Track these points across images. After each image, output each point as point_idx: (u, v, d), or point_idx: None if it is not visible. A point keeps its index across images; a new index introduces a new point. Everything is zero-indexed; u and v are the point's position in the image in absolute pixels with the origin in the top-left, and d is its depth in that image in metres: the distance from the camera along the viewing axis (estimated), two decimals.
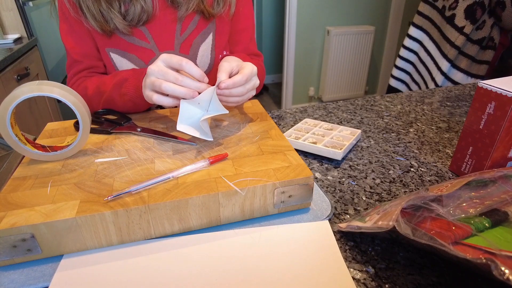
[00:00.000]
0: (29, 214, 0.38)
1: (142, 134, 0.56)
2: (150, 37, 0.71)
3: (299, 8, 2.63)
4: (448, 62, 1.27)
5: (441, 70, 1.30)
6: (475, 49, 1.22)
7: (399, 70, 1.48)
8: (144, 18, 0.67)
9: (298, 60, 2.86)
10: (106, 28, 0.66)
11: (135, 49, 0.71)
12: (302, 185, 0.45)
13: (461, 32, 1.21)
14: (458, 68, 1.27)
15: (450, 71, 1.29)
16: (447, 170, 0.59)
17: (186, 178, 0.44)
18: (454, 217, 0.39)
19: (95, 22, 0.65)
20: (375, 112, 0.82)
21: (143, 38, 0.70)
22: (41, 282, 0.37)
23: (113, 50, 0.71)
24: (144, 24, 0.69)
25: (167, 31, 0.71)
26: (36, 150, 0.48)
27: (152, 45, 0.71)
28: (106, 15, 0.65)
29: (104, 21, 0.65)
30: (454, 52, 1.24)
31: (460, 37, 1.22)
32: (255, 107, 0.67)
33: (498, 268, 0.27)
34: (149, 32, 0.70)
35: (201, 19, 0.73)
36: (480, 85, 0.50)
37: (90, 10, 0.64)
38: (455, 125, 0.75)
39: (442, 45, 1.28)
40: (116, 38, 0.69)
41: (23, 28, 1.71)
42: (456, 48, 1.24)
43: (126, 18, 0.66)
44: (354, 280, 0.38)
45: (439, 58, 1.30)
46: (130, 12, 0.66)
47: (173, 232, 0.43)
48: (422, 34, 1.36)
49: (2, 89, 1.30)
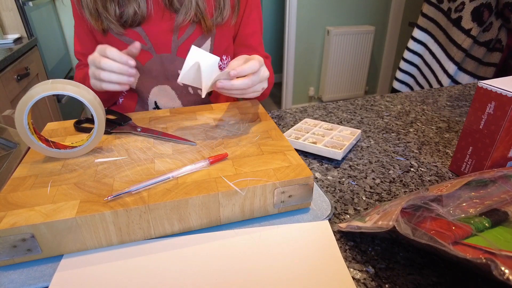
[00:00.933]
0: (29, 214, 0.38)
1: (142, 134, 0.56)
2: (147, 39, 0.71)
3: (299, 8, 2.63)
4: (455, 64, 1.26)
5: (447, 73, 1.29)
6: (482, 51, 1.22)
7: (404, 73, 1.47)
8: (138, 19, 0.68)
9: (298, 60, 2.86)
10: (99, 26, 0.68)
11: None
12: (302, 185, 0.45)
13: (468, 34, 1.20)
14: (465, 70, 1.26)
15: (456, 73, 1.28)
16: (447, 170, 0.59)
17: (186, 178, 0.44)
18: (454, 217, 0.39)
19: (90, 17, 0.67)
20: (375, 112, 0.82)
21: (140, 40, 0.71)
22: (41, 282, 0.37)
23: None
24: (139, 25, 0.70)
25: (164, 34, 0.71)
26: (54, 148, 0.49)
27: (149, 47, 0.72)
28: (101, 14, 0.66)
29: (98, 18, 0.67)
30: (461, 54, 1.24)
31: (467, 39, 1.21)
32: (255, 107, 0.67)
33: (498, 268, 0.27)
34: (146, 35, 0.71)
35: (198, 26, 0.72)
36: (480, 85, 0.50)
37: (88, 6, 0.66)
38: (455, 125, 0.75)
39: (448, 48, 1.28)
40: (112, 38, 0.70)
41: (23, 28, 1.71)
42: (463, 51, 1.23)
43: (120, 19, 0.67)
44: (354, 280, 0.38)
45: (446, 61, 1.29)
46: (124, 14, 0.67)
47: (173, 232, 0.43)
48: (427, 36, 1.36)
49: (2, 89, 1.30)
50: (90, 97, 0.48)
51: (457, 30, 1.23)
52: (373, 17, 2.90)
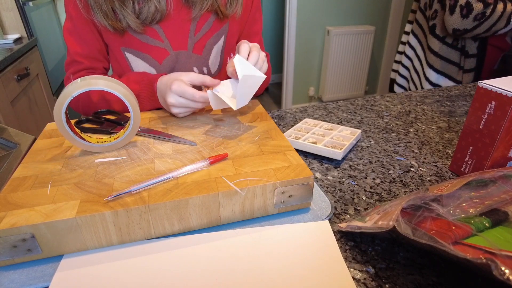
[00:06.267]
0: (29, 214, 0.38)
1: (142, 134, 0.56)
2: (164, 36, 0.71)
3: (299, 8, 2.63)
4: (434, 71, 1.27)
5: (429, 80, 1.31)
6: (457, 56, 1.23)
7: (401, 77, 1.49)
8: (158, 17, 0.67)
9: (298, 60, 2.86)
10: (118, 26, 0.66)
11: (149, 49, 0.71)
12: (302, 185, 0.45)
13: (443, 41, 1.23)
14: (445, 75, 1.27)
15: (438, 79, 1.29)
16: (447, 170, 0.59)
17: (186, 178, 0.44)
18: (454, 217, 0.39)
19: (106, 20, 0.65)
20: (375, 112, 0.82)
21: (157, 37, 0.70)
22: (41, 282, 0.37)
23: (128, 50, 0.71)
24: (157, 23, 0.69)
25: (181, 31, 0.71)
26: (92, 143, 0.50)
27: (165, 44, 0.71)
28: (119, 13, 0.65)
29: (116, 19, 0.66)
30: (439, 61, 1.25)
31: (442, 46, 1.23)
32: (255, 107, 0.67)
33: (498, 268, 0.27)
34: (162, 31, 0.70)
35: (216, 20, 0.73)
36: (480, 85, 0.50)
37: (102, 8, 0.64)
38: (455, 125, 0.75)
39: (427, 54, 1.29)
40: (129, 37, 0.69)
41: (23, 28, 1.71)
42: (441, 57, 1.25)
43: (139, 17, 0.66)
44: (354, 280, 0.38)
45: (426, 68, 1.31)
46: (144, 11, 0.66)
47: (173, 232, 0.43)
48: (416, 42, 1.37)
49: (2, 89, 1.30)
50: (124, 90, 0.49)
51: (433, 38, 1.24)
52: (373, 17, 2.90)
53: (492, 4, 1.04)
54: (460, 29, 1.10)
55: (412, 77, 1.41)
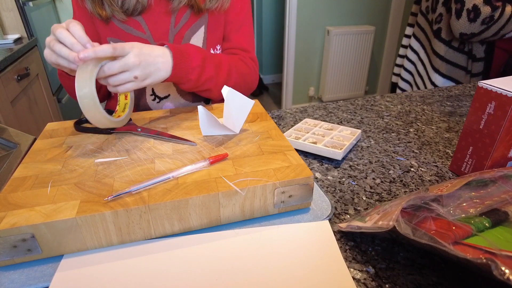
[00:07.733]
0: (29, 214, 0.38)
1: (142, 134, 0.56)
2: (147, 27, 0.73)
3: (299, 8, 2.63)
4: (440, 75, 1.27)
5: (434, 84, 1.30)
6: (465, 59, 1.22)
7: (404, 81, 1.48)
8: (139, 8, 0.70)
9: (298, 60, 2.86)
10: (103, 13, 0.69)
11: (133, 39, 0.73)
12: (302, 185, 0.45)
13: (449, 45, 1.22)
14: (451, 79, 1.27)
15: (445, 83, 1.29)
16: (447, 170, 0.59)
17: (186, 178, 0.44)
18: (454, 217, 0.39)
19: (93, 7, 0.69)
20: (375, 112, 0.82)
21: (140, 28, 0.73)
22: (41, 282, 0.37)
23: (113, 40, 0.74)
24: (140, 14, 0.72)
25: (162, 23, 0.74)
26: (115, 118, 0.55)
27: (148, 36, 0.74)
28: (105, 1, 0.68)
29: (100, 4, 0.69)
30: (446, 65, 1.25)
31: (449, 50, 1.22)
32: (255, 107, 0.67)
33: (498, 268, 0.27)
34: (145, 23, 0.73)
35: (193, 13, 0.75)
36: (480, 85, 0.50)
37: None
38: (455, 125, 0.75)
39: (432, 59, 1.29)
40: (114, 27, 0.72)
41: (23, 28, 1.71)
42: (446, 61, 1.24)
43: (122, 7, 0.69)
44: (354, 280, 0.38)
45: (431, 72, 1.30)
46: (126, 2, 0.69)
47: (173, 232, 0.43)
48: (418, 45, 1.36)
49: (2, 89, 1.30)
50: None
51: (438, 42, 1.24)
52: (373, 17, 2.90)
53: (500, 7, 1.02)
54: (468, 33, 1.08)
55: (416, 81, 1.40)
